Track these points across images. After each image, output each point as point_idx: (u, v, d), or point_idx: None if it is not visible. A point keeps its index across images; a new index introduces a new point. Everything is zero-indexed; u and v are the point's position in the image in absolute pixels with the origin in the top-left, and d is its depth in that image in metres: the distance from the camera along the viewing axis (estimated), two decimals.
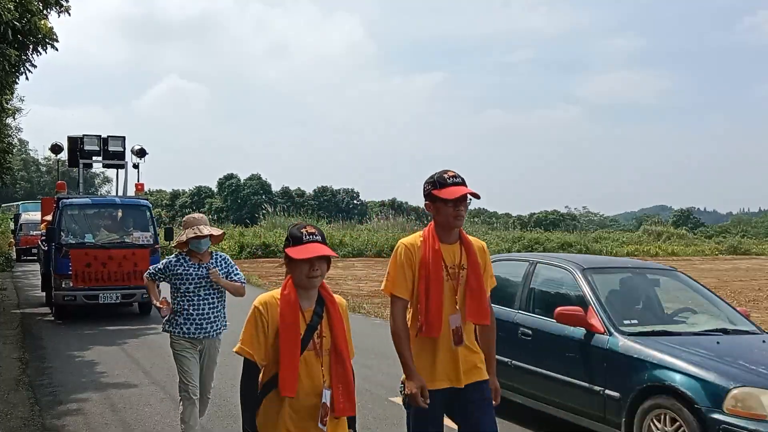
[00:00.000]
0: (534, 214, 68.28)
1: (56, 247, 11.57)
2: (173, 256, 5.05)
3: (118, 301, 11.69)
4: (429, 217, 3.42)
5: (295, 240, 2.71)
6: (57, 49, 9.73)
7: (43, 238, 14.00)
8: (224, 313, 5.12)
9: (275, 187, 69.52)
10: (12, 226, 30.17)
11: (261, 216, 46.07)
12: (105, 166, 14.42)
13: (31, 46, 9.31)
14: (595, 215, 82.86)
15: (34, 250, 23.60)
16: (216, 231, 5.03)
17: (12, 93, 14.58)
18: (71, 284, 11.29)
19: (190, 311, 4.87)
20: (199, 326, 4.89)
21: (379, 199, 71.82)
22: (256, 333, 2.70)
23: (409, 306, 3.34)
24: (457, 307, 3.28)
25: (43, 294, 13.78)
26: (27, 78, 10.28)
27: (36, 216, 23.43)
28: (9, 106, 16.44)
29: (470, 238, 3.42)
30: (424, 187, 3.35)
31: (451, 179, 3.25)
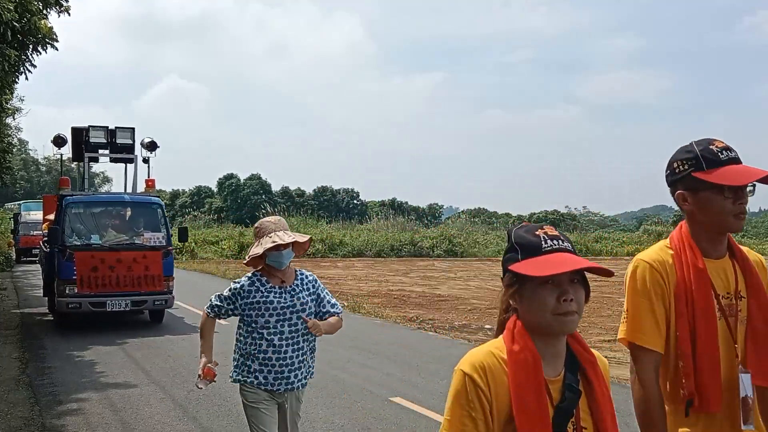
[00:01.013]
0: (534, 214, 68.17)
1: (59, 249, 10.49)
2: (245, 278, 3.68)
3: (127, 309, 10.68)
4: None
5: (528, 249, 1.59)
6: (57, 49, 9.72)
7: (45, 238, 12.92)
8: (313, 356, 3.76)
9: (275, 187, 69.41)
10: (12, 225, 29.65)
11: (261, 216, 45.99)
12: (112, 160, 12.80)
13: (30, 46, 9.30)
14: (595, 215, 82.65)
15: (35, 251, 23.34)
16: (301, 237, 3.62)
17: (12, 93, 14.58)
18: (76, 290, 10.26)
19: (269, 354, 3.54)
20: (279, 375, 3.57)
21: (379, 199, 71.75)
22: (469, 417, 1.55)
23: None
24: (739, 361, 2.07)
25: (45, 299, 12.74)
26: (27, 78, 10.27)
27: (37, 215, 22.87)
28: (9, 106, 16.45)
29: (742, 247, 2.19)
30: (674, 167, 2.13)
31: (726, 154, 2.03)
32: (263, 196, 65.12)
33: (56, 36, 9.57)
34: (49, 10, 9.88)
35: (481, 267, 28.41)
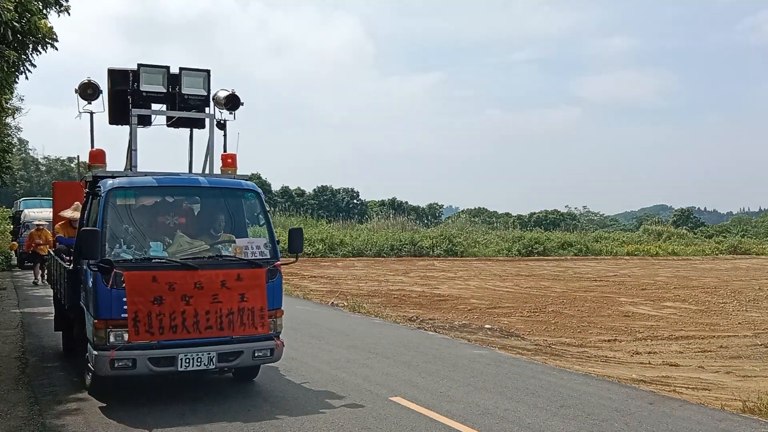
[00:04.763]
0: (534, 213, 68.18)
1: (100, 269, 6.11)
2: None
3: (213, 367, 6.37)
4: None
5: None
6: (57, 49, 9.73)
7: (58, 246, 9.32)
8: None
9: (275, 187, 69.33)
10: (12, 227, 27.20)
11: None
12: (172, 123, 7.98)
13: (30, 46, 9.31)
14: (595, 215, 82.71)
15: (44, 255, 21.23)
16: None
17: (11, 92, 14.58)
18: (127, 338, 6.04)
19: None
20: None
21: (379, 198, 71.80)
22: None
23: None
24: None
25: (53, 314, 9.45)
26: (27, 77, 10.28)
27: (41, 214, 20.92)
28: (8, 106, 16.47)
29: None
30: None
31: None
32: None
33: (56, 35, 9.58)
34: (48, 9, 9.90)
35: (481, 267, 28.41)
